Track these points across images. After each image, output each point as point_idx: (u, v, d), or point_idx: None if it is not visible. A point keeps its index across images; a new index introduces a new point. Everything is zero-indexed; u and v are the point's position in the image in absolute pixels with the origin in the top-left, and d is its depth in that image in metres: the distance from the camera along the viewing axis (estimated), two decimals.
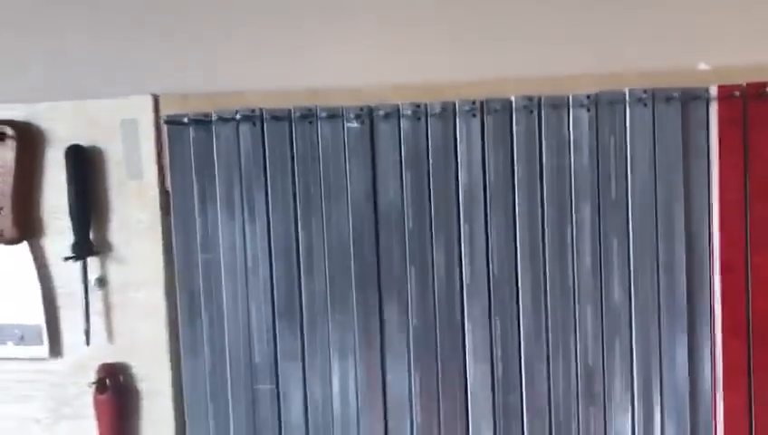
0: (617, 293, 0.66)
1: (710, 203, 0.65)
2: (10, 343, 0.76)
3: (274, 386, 0.71)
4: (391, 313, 0.69)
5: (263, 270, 0.71)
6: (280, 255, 0.71)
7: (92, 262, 0.75)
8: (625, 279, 0.66)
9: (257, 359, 0.72)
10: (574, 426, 0.68)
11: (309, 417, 0.71)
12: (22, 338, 0.76)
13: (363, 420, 0.70)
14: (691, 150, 0.65)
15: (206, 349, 0.73)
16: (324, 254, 0.70)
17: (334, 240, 0.70)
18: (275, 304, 0.71)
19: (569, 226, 0.66)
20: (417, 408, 0.69)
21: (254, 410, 0.72)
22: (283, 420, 0.72)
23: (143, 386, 0.76)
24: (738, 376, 0.64)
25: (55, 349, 0.77)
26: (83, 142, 0.74)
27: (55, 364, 0.77)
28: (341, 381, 0.70)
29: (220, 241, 0.72)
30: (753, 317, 0.64)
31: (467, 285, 0.68)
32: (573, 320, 0.67)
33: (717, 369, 0.65)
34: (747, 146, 0.64)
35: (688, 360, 0.65)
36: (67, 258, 0.73)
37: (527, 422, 0.68)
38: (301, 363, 0.71)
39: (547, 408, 0.68)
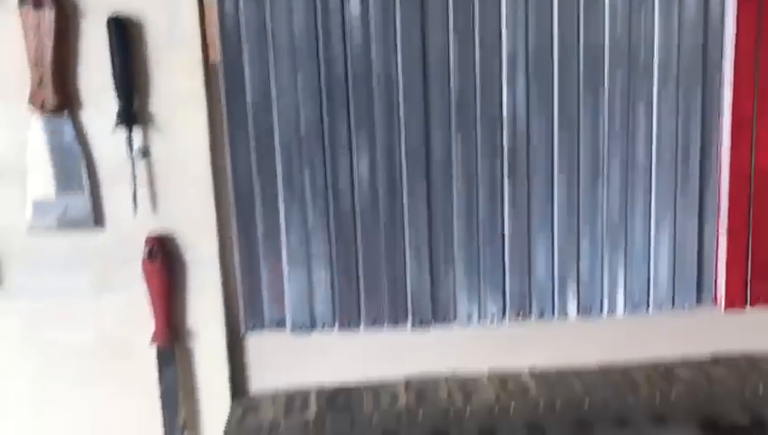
0: (641, 150, 0.76)
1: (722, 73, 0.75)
2: (55, 215, 0.76)
3: None
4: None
5: (316, 138, 0.75)
6: (333, 123, 0.75)
7: (136, 133, 0.76)
8: (649, 137, 0.76)
9: (311, 224, 0.76)
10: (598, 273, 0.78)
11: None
12: (66, 210, 0.76)
13: None
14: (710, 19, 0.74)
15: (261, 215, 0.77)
16: (373, 117, 0.75)
17: (383, 102, 0.74)
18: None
19: (601, 89, 0.75)
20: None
21: None
22: None
23: (189, 256, 0.79)
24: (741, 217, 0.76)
25: (99, 220, 0.77)
26: (124, 11, 0.74)
27: (100, 236, 0.78)
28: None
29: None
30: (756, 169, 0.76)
31: (508, 147, 0.76)
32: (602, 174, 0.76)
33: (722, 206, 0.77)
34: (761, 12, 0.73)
35: (699, 204, 0.77)
36: (116, 125, 0.74)
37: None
38: None
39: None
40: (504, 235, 0.77)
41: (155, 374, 0.80)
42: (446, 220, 0.77)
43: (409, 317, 0.78)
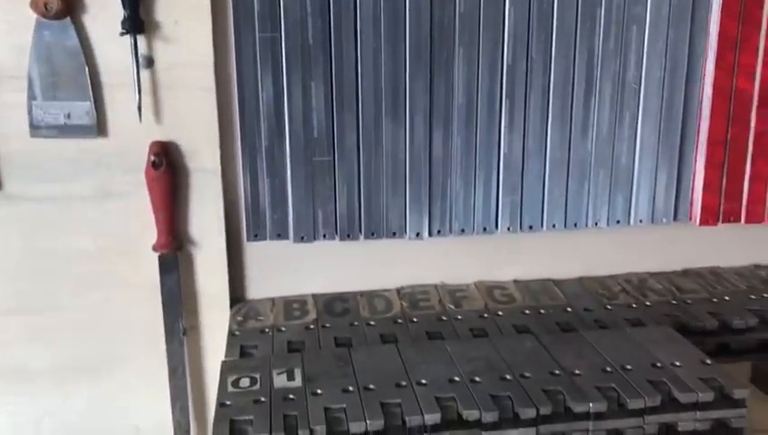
0: (631, 71, 0.80)
1: None
2: (57, 121, 0.76)
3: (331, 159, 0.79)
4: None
5: (323, 50, 0.76)
6: (339, 33, 0.76)
7: (141, 41, 0.76)
8: (639, 59, 0.79)
9: (315, 134, 0.78)
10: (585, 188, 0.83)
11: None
12: (69, 116, 0.76)
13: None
14: None
15: (264, 125, 0.78)
16: (381, 30, 0.76)
17: (390, 16, 0.76)
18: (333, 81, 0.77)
19: (598, 10, 0.78)
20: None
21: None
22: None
23: (192, 164, 0.81)
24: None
25: (103, 128, 0.78)
26: None
27: (103, 143, 0.78)
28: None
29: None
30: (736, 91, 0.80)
31: (508, 65, 0.78)
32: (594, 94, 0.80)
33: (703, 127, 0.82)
34: None
35: (681, 125, 0.81)
36: (122, 33, 0.74)
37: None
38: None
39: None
40: (500, 151, 0.81)
41: (157, 280, 0.82)
42: (446, 136, 0.80)
43: (407, 227, 0.82)
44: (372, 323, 0.81)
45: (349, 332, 0.79)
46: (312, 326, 0.80)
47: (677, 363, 0.66)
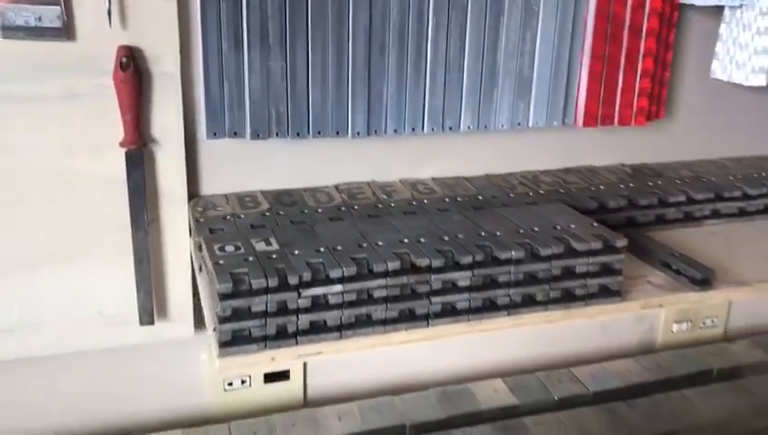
0: None
1: None
2: (28, 23, 0.81)
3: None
4: None
5: None
6: None
7: None
8: None
9: (270, 41, 0.89)
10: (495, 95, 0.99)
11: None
12: (40, 19, 0.82)
13: None
14: None
15: (224, 33, 0.87)
16: None
17: None
18: None
19: None
20: None
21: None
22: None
23: (155, 68, 0.88)
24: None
25: (71, 31, 0.84)
26: None
27: (71, 46, 0.84)
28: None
29: None
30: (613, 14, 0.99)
31: None
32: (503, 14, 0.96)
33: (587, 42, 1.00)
34: None
35: (571, 40, 0.99)
36: None
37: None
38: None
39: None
40: (426, 62, 0.95)
41: (122, 176, 0.90)
42: (382, 49, 0.93)
43: (349, 127, 0.95)
44: (320, 210, 0.93)
45: (301, 217, 0.91)
46: (267, 214, 0.92)
47: (572, 226, 0.84)
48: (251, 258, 0.73)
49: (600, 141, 1.12)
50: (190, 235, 0.95)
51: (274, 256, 0.74)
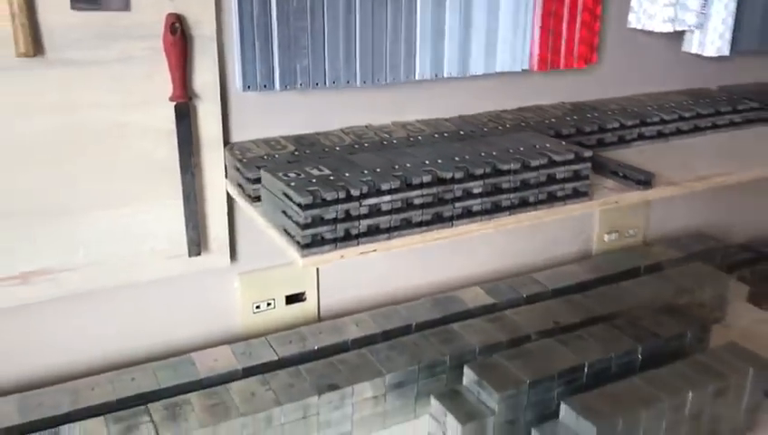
0: None
1: None
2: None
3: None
4: None
5: None
6: None
7: None
8: None
9: (295, 5, 1.05)
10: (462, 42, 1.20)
11: None
12: None
13: None
14: None
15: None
16: None
17: None
18: None
19: None
20: None
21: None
22: None
23: (196, 32, 1.03)
24: None
25: (128, 3, 0.97)
26: None
27: (128, 15, 0.98)
28: None
29: None
30: None
31: None
32: None
33: None
34: None
35: None
36: None
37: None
38: None
39: None
40: (416, 20, 1.15)
41: (171, 126, 1.05)
42: (380, 8, 1.12)
43: (358, 77, 1.14)
44: (338, 148, 1.12)
45: (325, 154, 1.09)
46: (296, 153, 1.09)
47: (547, 145, 1.07)
48: (313, 180, 0.91)
49: (545, 84, 1.36)
50: (225, 177, 1.11)
51: (331, 178, 0.92)
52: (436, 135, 1.18)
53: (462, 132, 1.20)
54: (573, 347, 1.13)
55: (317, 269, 1.27)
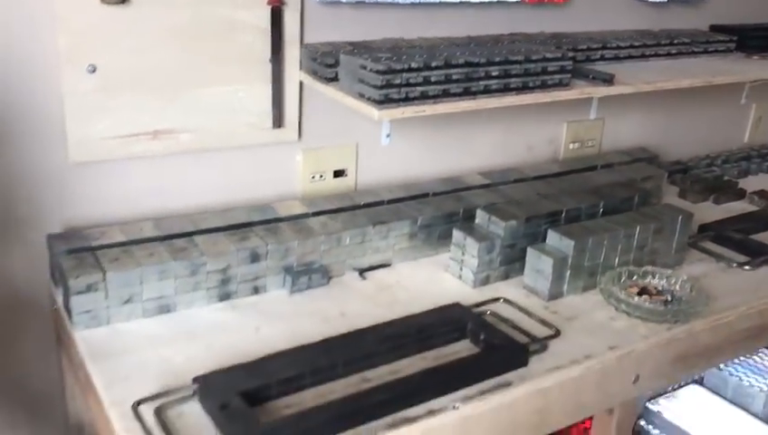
0: None
1: None
2: None
3: None
4: None
5: None
6: None
7: None
8: None
9: None
10: None
11: None
12: None
13: None
14: None
15: None
16: None
17: None
18: None
19: None
20: None
21: None
22: None
23: None
24: None
25: None
26: None
27: None
28: None
29: None
30: None
31: None
32: None
33: None
34: None
35: None
36: None
37: None
38: None
39: None
40: None
41: (267, 24, 1.40)
42: None
43: None
44: (382, 50, 1.49)
45: (377, 51, 1.46)
46: (354, 51, 1.46)
47: (541, 48, 1.47)
48: (383, 59, 1.29)
49: (531, 16, 1.76)
50: (300, 68, 1.47)
51: (393, 58, 1.30)
52: (457, 44, 1.57)
53: (472, 45, 1.59)
54: (553, 200, 1.53)
55: (356, 152, 1.65)
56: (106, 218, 1.37)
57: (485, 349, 1.19)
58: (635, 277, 1.44)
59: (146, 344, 1.16)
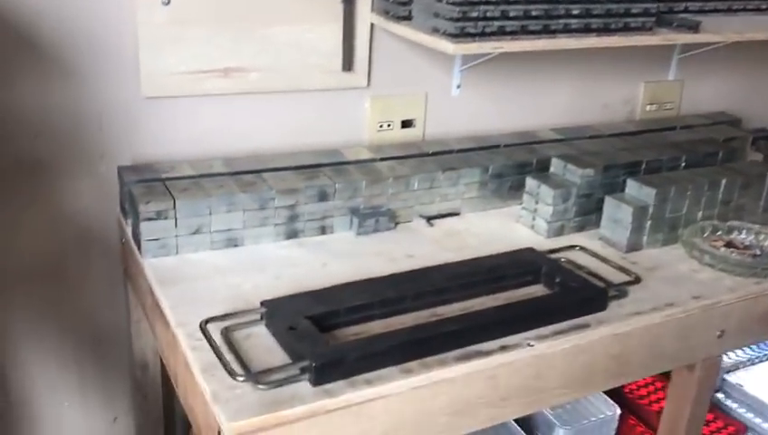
0: None
1: None
2: None
3: None
4: None
5: None
6: None
7: None
8: None
9: None
10: None
11: None
12: None
13: None
14: None
15: None
16: None
17: None
18: None
19: None
20: None
21: None
22: None
23: None
24: None
25: None
26: None
27: None
28: None
29: None
30: None
31: None
32: None
33: None
34: None
35: None
36: None
37: None
38: None
39: None
40: None
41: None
42: None
43: None
44: None
45: None
46: None
47: None
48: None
49: None
50: (371, 9, 1.44)
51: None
52: None
53: None
54: (633, 152, 1.46)
55: (425, 102, 1.61)
56: (175, 156, 1.37)
57: (561, 291, 1.14)
58: (719, 232, 1.36)
59: (213, 273, 1.15)
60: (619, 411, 1.46)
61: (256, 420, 0.83)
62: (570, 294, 1.12)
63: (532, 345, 1.02)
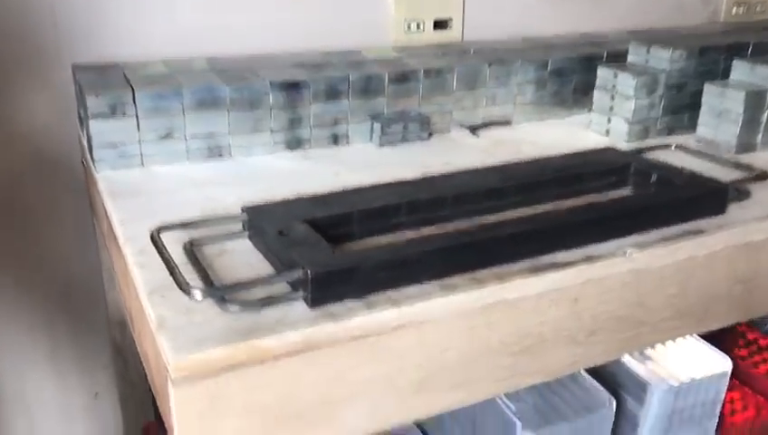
0: None
1: None
2: None
3: None
4: None
5: None
6: None
7: None
8: None
9: None
10: None
11: None
12: None
13: None
14: None
15: None
16: None
17: None
18: None
19: None
20: None
21: None
22: None
23: None
24: None
25: None
26: None
27: None
28: None
29: None
30: None
31: None
32: None
33: None
34: None
35: None
36: None
37: None
38: None
39: None
40: None
41: None
42: None
43: None
44: None
45: None
46: None
47: None
48: None
49: None
50: None
51: None
52: None
53: None
54: (732, 36, 1.14)
55: (463, 1, 1.30)
56: (148, 59, 1.09)
57: (661, 191, 0.83)
58: None
59: (188, 185, 0.86)
60: (731, 365, 1.12)
61: (219, 354, 0.53)
62: (675, 192, 0.81)
63: (630, 255, 0.71)
